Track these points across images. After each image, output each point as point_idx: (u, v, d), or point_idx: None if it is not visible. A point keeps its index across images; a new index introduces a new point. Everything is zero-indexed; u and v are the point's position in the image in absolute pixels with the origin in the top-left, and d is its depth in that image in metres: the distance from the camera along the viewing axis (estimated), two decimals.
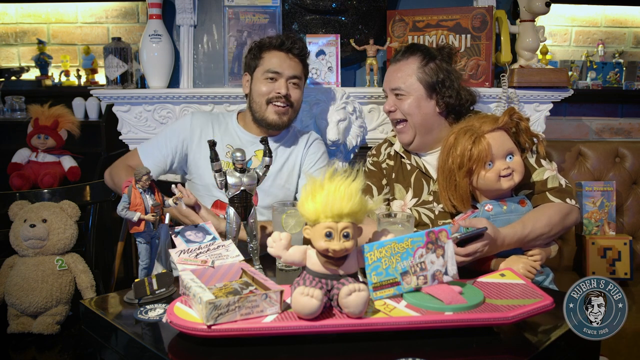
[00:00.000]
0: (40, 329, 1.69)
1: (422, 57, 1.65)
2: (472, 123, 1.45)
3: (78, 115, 2.61)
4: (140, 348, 0.98)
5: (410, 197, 1.68)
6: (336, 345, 0.97)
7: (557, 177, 1.55)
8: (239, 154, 1.29)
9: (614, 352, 1.79)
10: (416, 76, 1.64)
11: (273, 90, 1.75)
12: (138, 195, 1.23)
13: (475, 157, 1.40)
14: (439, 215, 1.61)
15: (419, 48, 1.68)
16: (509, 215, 1.44)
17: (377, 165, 1.77)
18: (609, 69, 2.92)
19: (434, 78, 1.63)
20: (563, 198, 1.51)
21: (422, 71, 1.63)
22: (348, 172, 0.98)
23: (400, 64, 1.67)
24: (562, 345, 1.01)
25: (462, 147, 1.41)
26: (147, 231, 1.24)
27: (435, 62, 1.64)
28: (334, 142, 1.97)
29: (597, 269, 2.12)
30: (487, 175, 1.42)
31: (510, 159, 1.43)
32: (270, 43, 1.78)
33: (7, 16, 3.02)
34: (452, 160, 1.43)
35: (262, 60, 1.77)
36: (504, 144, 1.43)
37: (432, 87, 1.63)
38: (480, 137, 1.41)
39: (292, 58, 1.78)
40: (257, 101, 1.77)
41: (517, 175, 1.43)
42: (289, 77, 1.77)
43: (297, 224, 1.37)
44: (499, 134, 1.43)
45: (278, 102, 1.75)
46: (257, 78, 1.78)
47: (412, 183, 1.69)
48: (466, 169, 1.42)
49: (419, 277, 1.04)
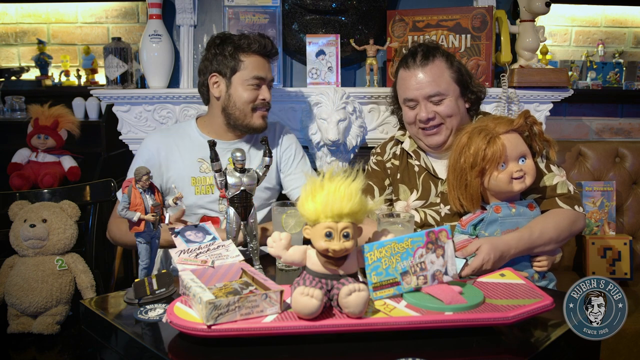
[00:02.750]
0: (40, 329, 1.69)
1: (445, 57, 1.63)
2: (486, 123, 1.44)
3: (78, 115, 2.61)
4: (140, 348, 0.98)
5: (414, 198, 1.67)
6: (336, 345, 0.97)
7: (566, 183, 1.54)
8: (239, 154, 1.29)
9: (614, 352, 1.79)
10: (449, 76, 1.61)
11: (257, 97, 1.71)
12: (138, 195, 1.23)
13: (489, 157, 1.39)
14: (445, 218, 1.60)
15: (436, 49, 1.64)
16: (517, 218, 1.44)
17: (380, 164, 1.76)
18: (609, 69, 2.91)
19: (462, 74, 1.63)
20: (572, 205, 1.51)
21: (452, 70, 1.62)
22: (348, 172, 0.98)
23: (426, 68, 1.60)
24: (562, 345, 1.01)
25: (475, 147, 1.40)
26: (147, 231, 1.24)
27: (455, 60, 1.65)
28: (334, 142, 1.97)
29: (597, 269, 2.12)
30: (500, 176, 1.41)
31: (523, 162, 1.42)
32: (250, 47, 1.70)
33: (7, 16, 3.02)
34: (464, 159, 1.42)
35: (242, 65, 1.69)
36: (518, 146, 1.42)
37: (464, 84, 1.63)
38: (495, 137, 1.40)
39: (268, 61, 1.76)
40: (240, 108, 1.71)
41: (529, 178, 1.42)
42: (269, 81, 1.75)
43: (297, 224, 1.37)
44: (514, 136, 1.43)
45: (263, 107, 1.73)
46: (237, 84, 1.70)
47: (419, 184, 1.67)
48: (479, 169, 1.41)
49: (419, 277, 1.04)
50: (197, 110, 2.10)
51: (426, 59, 1.61)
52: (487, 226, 1.43)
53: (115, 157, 2.50)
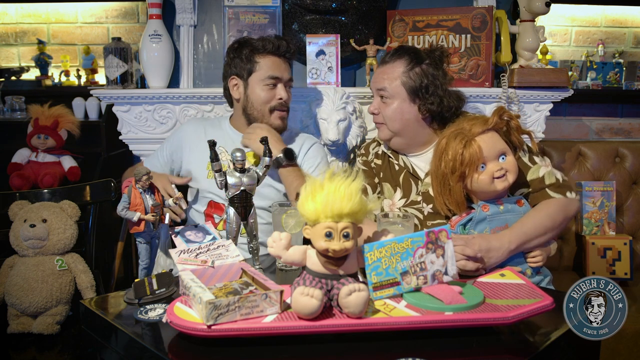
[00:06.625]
0: (40, 329, 1.69)
1: (409, 60, 1.63)
2: (462, 126, 1.44)
3: (78, 115, 2.60)
4: (140, 348, 0.98)
5: (398, 197, 1.68)
6: (336, 345, 0.97)
7: (552, 172, 1.54)
8: (239, 154, 1.29)
9: (614, 352, 1.79)
10: (400, 80, 1.62)
11: (274, 97, 1.76)
12: (138, 195, 1.23)
13: (467, 161, 1.38)
14: (428, 216, 1.61)
15: (407, 51, 1.66)
16: (506, 215, 1.44)
17: (367, 164, 1.78)
18: (609, 69, 2.91)
19: (418, 83, 1.61)
20: (563, 193, 1.51)
21: (407, 75, 1.62)
22: (348, 172, 0.98)
23: (387, 65, 1.66)
24: (562, 345, 1.01)
25: (453, 152, 1.40)
26: (147, 231, 1.24)
27: (422, 67, 1.62)
28: (334, 142, 1.96)
29: (597, 269, 2.12)
30: (481, 177, 1.40)
31: (503, 160, 1.42)
32: (265, 47, 1.75)
33: (7, 16, 3.02)
34: (444, 165, 1.42)
35: (258, 65, 1.75)
36: (495, 145, 1.41)
37: (415, 92, 1.62)
38: (470, 140, 1.39)
39: (285, 61, 1.79)
40: (258, 109, 1.77)
41: (510, 175, 1.42)
42: (286, 81, 1.78)
43: (297, 224, 1.37)
44: (490, 135, 1.42)
45: (281, 108, 1.77)
46: (254, 84, 1.76)
47: (400, 183, 1.69)
48: (459, 173, 1.40)
49: (419, 277, 1.04)
50: (197, 110, 2.11)
51: (391, 57, 1.67)
52: (475, 225, 1.43)
53: (115, 157, 2.49)
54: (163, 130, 2.13)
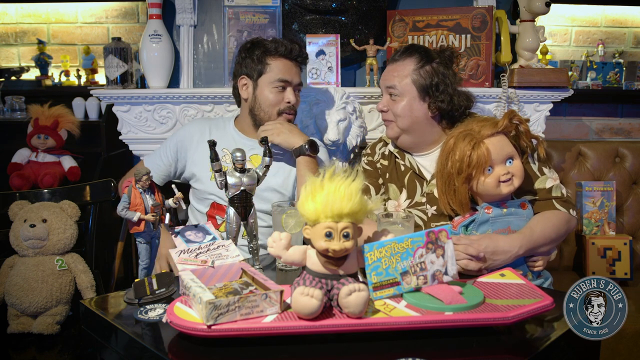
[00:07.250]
0: (40, 329, 1.69)
1: (420, 58, 1.64)
2: (471, 127, 1.43)
3: (78, 115, 2.60)
4: (140, 348, 0.98)
5: (404, 197, 1.68)
6: (336, 345, 0.97)
7: (560, 187, 1.55)
8: (239, 154, 1.29)
9: (614, 352, 1.79)
10: (411, 78, 1.63)
11: (283, 101, 1.76)
12: (138, 195, 1.23)
13: (475, 163, 1.38)
14: (432, 218, 1.61)
15: (417, 49, 1.67)
16: (509, 218, 1.44)
17: (372, 164, 1.77)
18: (609, 69, 2.91)
19: (428, 81, 1.62)
20: (568, 209, 1.52)
21: (418, 73, 1.63)
22: (348, 172, 0.98)
23: (397, 63, 1.66)
24: (562, 345, 1.01)
25: (461, 152, 1.39)
26: (147, 231, 1.24)
27: (432, 65, 1.63)
28: (334, 142, 1.97)
29: (597, 269, 2.12)
30: (487, 180, 1.40)
31: (510, 164, 1.41)
32: (277, 50, 1.75)
33: (7, 16, 3.02)
34: (451, 165, 1.41)
35: (269, 67, 1.75)
36: (504, 148, 1.41)
37: (425, 90, 1.62)
38: (479, 142, 1.38)
39: (296, 65, 1.79)
40: (265, 110, 1.77)
41: (517, 180, 1.41)
42: (296, 85, 1.77)
43: (297, 224, 1.37)
44: (499, 138, 1.41)
45: (289, 111, 1.77)
46: (263, 86, 1.76)
47: (406, 184, 1.68)
48: (465, 175, 1.39)
49: (419, 277, 1.04)
50: (197, 110, 2.11)
51: (401, 55, 1.67)
52: (478, 227, 1.43)
53: (115, 157, 2.49)
54: (163, 130, 2.13)
